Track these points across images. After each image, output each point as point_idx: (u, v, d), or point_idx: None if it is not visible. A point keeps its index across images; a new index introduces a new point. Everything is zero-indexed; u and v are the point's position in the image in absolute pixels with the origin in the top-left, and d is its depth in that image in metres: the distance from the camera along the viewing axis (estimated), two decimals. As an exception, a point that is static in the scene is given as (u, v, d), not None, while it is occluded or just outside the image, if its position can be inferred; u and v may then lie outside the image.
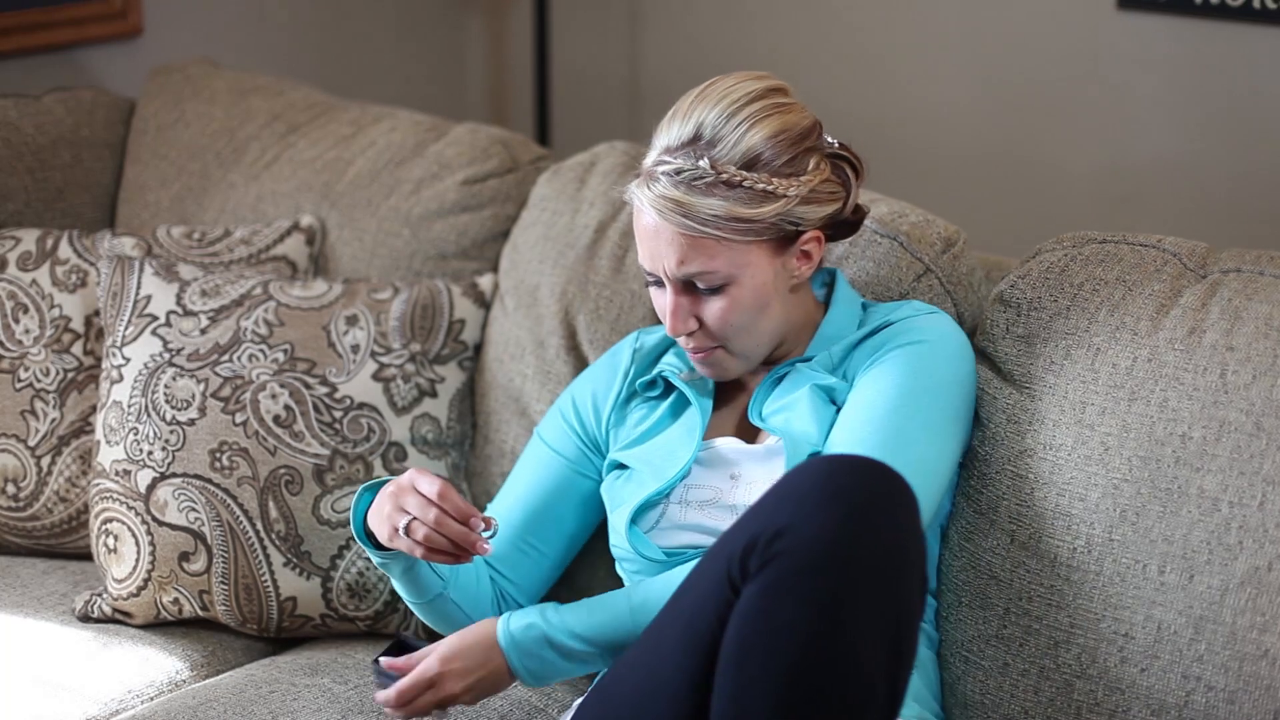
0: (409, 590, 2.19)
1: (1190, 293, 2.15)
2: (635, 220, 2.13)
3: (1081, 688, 2.10)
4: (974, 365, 2.18)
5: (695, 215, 2.06)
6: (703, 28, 3.63)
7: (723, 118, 2.08)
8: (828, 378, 2.13)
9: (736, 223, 2.07)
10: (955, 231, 2.36)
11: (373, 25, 3.73)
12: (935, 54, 3.37)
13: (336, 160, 2.81)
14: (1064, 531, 2.12)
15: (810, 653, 1.76)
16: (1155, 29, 3.10)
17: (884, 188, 2.55)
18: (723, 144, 2.07)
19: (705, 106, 2.09)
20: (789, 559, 1.78)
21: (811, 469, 1.84)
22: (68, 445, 2.62)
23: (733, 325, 2.11)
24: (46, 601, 2.52)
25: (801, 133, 2.11)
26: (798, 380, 2.15)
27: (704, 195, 2.06)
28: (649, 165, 2.10)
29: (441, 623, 2.23)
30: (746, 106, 2.09)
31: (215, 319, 2.55)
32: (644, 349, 2.31)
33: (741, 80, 2.12)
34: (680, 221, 2.06)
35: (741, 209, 2.06)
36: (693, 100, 2.11)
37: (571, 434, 2.30)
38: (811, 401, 2.11)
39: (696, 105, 2.10)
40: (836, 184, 2.14)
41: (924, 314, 2.17)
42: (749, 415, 2.16)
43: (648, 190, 2.09)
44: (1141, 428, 2.10)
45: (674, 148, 2.09)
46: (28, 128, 2.92)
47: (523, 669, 2.05)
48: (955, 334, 2.17)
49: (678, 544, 2.14)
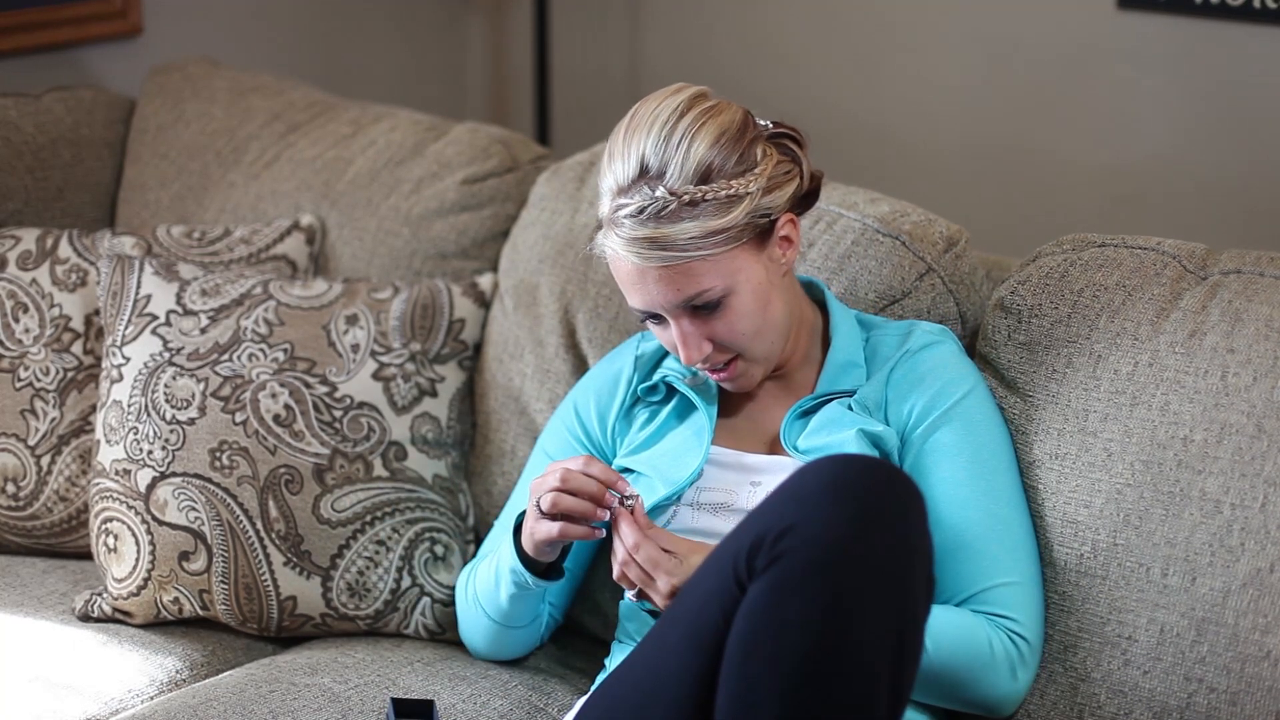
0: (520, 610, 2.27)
1: (1190, 295, 2.15)
2: (614, 270, 2.11)
3: (1085, 691, 2.10)
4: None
5: (673, 245, 2.04)
6: (703, 27, 3.63)
7: (661, 142, 2.06)
8: (874, 424, 2.12)
9: (713, 236, 2.05)
10: (958, 231, 2.36)
11: (373, 25, 3.73)
12: (935, 53, 3.37)
13: (336, 160, 2.81)
14: (1071, 538, 2.12)
15: (816, 651, 1.76)
16: (1155, 29, 3.10)
17: (884, 186, 2.55)
18: (671, 167, 2.05)
19: (639, 138, 2.07)
20: (795, 557, 1.78)
21: (819, 468, 1.83)
22: (68, 445, 2.61)
23: (745, 333, 2.10)
24: (46, 601, 2.51)
25: (739, 128, 2.09)
26: (840, 421, 2.13)
27: (673, 223, 2.04)
28: (608, 214, 2.08)
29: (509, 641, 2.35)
30: (679, 123, 2.06)
31: (215, 318, 2.54)
32: (645, 355, 2.30)
33: (662, 99, 2.09)
34: (660, 256, 2.05)
35: (713, 222, 2.05)
36: (624, 136, 2.08)
37: (576, 444, 2.30)
38: (860, 448, 2.10)
39: (630, 140, 2.07)
40: (789, 163, 2.13)
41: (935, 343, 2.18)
42: (783, 444, 2.15)
43: (616, 238, 2.07)
44: (1143, 432, 2.10)
45: (625, 187, 2.06)
46: (28, 127, 2.92)
47: None
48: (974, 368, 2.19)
49: None
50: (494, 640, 2.34)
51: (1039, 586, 2.10)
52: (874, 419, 2.13)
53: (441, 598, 2.46)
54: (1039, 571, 2.11)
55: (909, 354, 2.17)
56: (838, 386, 2.16)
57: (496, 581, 2.25)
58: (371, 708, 2.27)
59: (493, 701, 2.31)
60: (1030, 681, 2.08)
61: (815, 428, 2.14)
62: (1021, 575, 2.08)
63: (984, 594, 2.06)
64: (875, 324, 2.24)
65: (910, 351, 2.17)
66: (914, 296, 2.31)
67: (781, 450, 2.16)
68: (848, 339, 2.19)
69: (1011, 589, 2.06)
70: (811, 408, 2.16)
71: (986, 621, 2.04)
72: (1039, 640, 2.09)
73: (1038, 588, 2.10)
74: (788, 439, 2.14)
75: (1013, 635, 2.05)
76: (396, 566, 2.45)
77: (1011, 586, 2.06)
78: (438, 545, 2.48)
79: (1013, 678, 2.05)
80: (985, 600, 2.05)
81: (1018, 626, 2.05)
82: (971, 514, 2.08)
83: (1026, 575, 2.08)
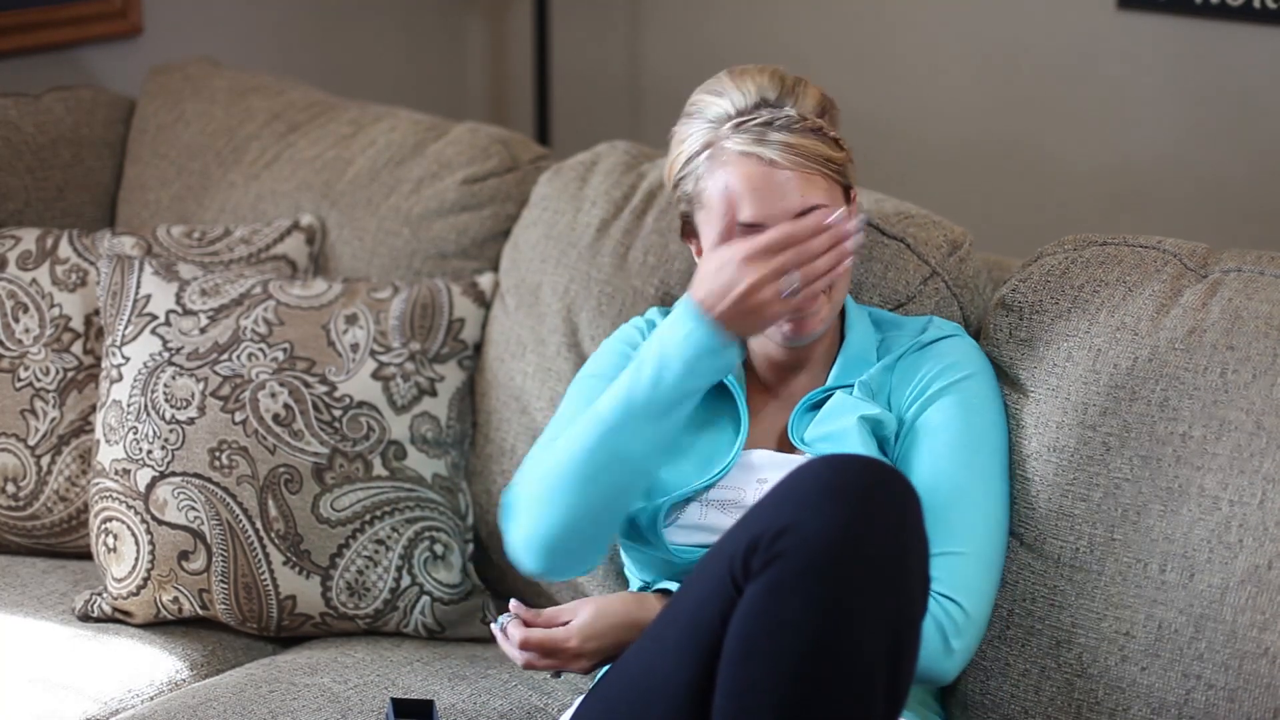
0: (704, 376, 2.04)
1: (1190, 292, 2.15)
2: (729, 179, 2.08)
3: (1082, 686, 2.10)
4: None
5: (805, 153, 2.07)
6: (703, 27, 3.63)
7: (775, 81, 2.11)
8: (873, 407, 2.12)
9: (830, 163, 2.09)
10: (962, 233, 2.36)
11: (373, 25, 3.73)
12: (935, 53, 3.37)
13: (336, 160, 2.81)
14: (1067, 532, 2.12)
15: (813, 651, 1.76)
16: (1155, 29, 3.10)
17: (884, 185, 2.55)
18: (791, 98, 2.10)
19: (748, 81, 2.11)
20: (792, 557, 1.78)
21: (815, 468, 1.83)
22: (67, 444, 2.62)
23: (845, 265, 2.06)
24: (46, 601, 2.51)
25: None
26: (842, 408, 2.13)
27: (803, 137, 2.08)
28: (731, 127, 2.09)
29: (661, 447, 2.08)
30: (785, 73, 2.12)
31: (215, 318, 2.55)
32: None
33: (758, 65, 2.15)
34: (794, 160, 2.06)
35: (832, 152, 2.09)
36: (733, 78, 2.12)
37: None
38: (860, 434, 2.09)
39: (741, 79, 2.11)
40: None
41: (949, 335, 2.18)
42: (790, 437, 2.15)
43: (749, 144, 2.07)
44: (1142, 427, 2.10)
45: (748, 109, 2.09)
46: (28, 127, 2.92)
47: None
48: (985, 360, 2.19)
49: (691, 542, 2.13)
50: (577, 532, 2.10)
51: (988, 563, 2.07)
52: (875, 403, 2.13)
53: (441, 596, 2.46)
54: (996, 551, 2.08)
55: (919, 345, 2.17)
56: (847, 381, 2.16)
57: (649, 408, 2.05)
58: (371, 708, 2.27)
59: (492, 701, 2.31)
60: (970, 650, 2.03)
61: (820, 418, 2.14)
62: (969, 547, 2.05)
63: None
64: (889, 323, 2.23)
65: (921, 343, 2.17)
66: (918, 300, 2.31)
67: (789, 446, 2.16)
68: (862, 336, 2.19)
69: (952, 559, 2.03)
70: (819, 400, 2.16)
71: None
72: (979, 612, 2.03)
73: (986, 564, 2.06)
74: (795, 432, 2.14)
75: (939, 598, 2.01)
76: (396, 566, 2.45)
77: (953, 556, 2.03)
78: (437, 544, 2.48)
79: (945, 646, 2.00)
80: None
81: (949, 591, 2.01)
82: (941, 484, 2.07)
83: (975, 549, 2.05)
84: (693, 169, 2.12)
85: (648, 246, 2.49)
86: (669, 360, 2.03)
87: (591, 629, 2.07)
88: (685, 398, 2.04)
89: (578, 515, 2.07)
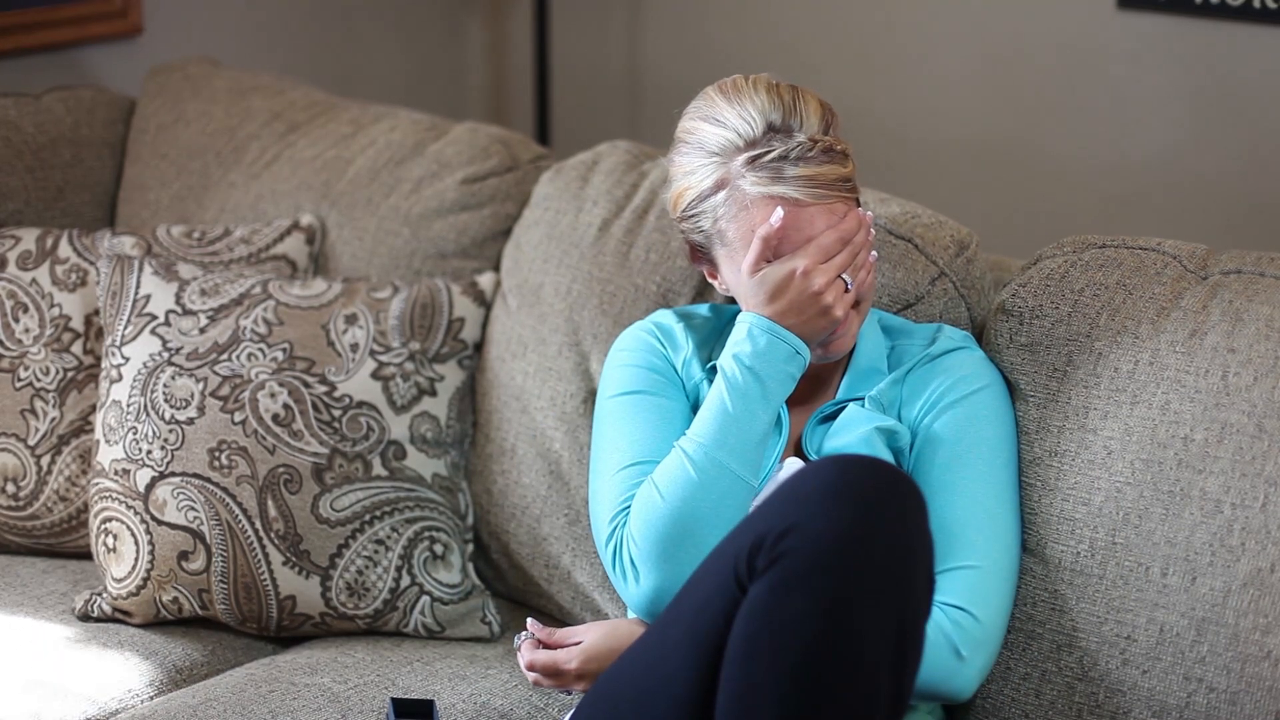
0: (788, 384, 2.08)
1: (1191, 295, 2.15)
2: (755, 225, 2.06)
3: (1083, 690, 2.10)
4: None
5: (824, 182, 2.05)
6: (703, 27, 3.63)
7: (774, 100, 2.07)
8: (886, 419, 2.11)
9: (844, 182, 2.07)
10: (968, 234, 2.36)
11: (373, 25, 3.73)
12: (935, 52, 3.37)
13: (336, 159, 2.81)
14: (1068, 536, 2.12)
15: (817, 651, 1.76)
16: (1155, 29, 3.10)
17: (885, 185, 2.55)
18: (796, 118, 2.06)
19: (747, 102, 2.07)
20: (796, 557, 1.78)
21: (819, 469, 1.83)
22: (67, 444, 2.62)
23: (866, 282, 2.09)
24: (46, 601, 2.51)
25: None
26: (856, 420, 2.12)
27: (819, 166, 2.05)
28: (743, 164, 2.05)
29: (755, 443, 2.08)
30: (783, 86, 2.09)
31: (214, 318, 2.54)
32: (696, 330, 2.24)
33: (739, 78, 2.10)
34: (816, 194, 2.04)
35: (845, 170, 2.08)
36: (729, 101, 2.08)
37: (665, 370, 2.21)
38: (871, 445, 2.09)
39: (739, 102, 2.07)
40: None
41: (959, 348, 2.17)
42: (804, 450, 2.15)
43: (768, 183, 2.05)
44: (1143, 431, 2.10)
45: (757, 140, 2.06)
46: (28, 127, 2.92)
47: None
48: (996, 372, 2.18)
49: None
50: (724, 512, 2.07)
51: (1003, 576, 2.07)
52: (887, 415, 2.12)
53: (441, 596, 2.46)
54: (1010, 564, 2.08)
55: (930, 357, 2.16)
56: (859, 393, 2.16)
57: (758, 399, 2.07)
58: (371, 708, 2.27)
59: (493, 701, 2.31)
60: (985, 663, 2.03)
61: (834, 431, 2.13)
62: (984, 560, 2.04)
63: (940, 575, 2.03)
64: (899, 329, 2.22)
65: (931, 355, 2.16)
66: (927, 301, 2.31)
67: (804, 457, 2.15)
68: (872, 345, 2.19)
69: (967, 572, 2.03)
70: (832, 413, 2.16)
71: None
72: (992, 622, 2.03)
73: (1000, 576, 2.06)
74: (810, 445, 2.14)
75: (949, 609, 2.01)
76: (395, 566, 2.45)
77: (968, 570, 2.03)
78: (437, 544, 2.48)
79: (957, 657, 2.00)
80: (938, 581, 2.03)
81: (960, 602, 2.01)
82: (955, 498, 2.07)
83: (990, 561, 2.05)
84: (709, 209, 2.09)
85: (649, 245, 2.49)
86: (766, 380, 2.06)
87: (594, 650, 2.08)
88: (776, 409, 2.08)
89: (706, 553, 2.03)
